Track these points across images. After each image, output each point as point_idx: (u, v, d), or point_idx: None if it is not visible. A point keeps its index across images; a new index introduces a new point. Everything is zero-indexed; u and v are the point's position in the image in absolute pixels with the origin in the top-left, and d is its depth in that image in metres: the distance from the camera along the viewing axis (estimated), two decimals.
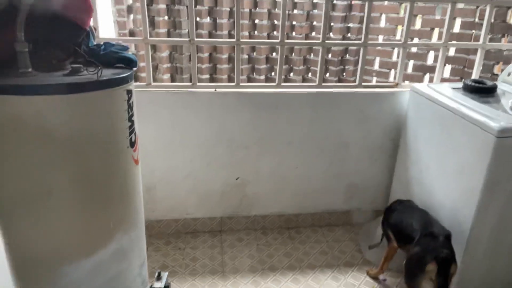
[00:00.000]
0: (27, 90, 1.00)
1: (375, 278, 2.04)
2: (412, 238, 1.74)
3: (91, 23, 1.29)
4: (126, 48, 1.30)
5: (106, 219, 1.18)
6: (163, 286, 1.46)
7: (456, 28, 2.91)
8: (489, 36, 2.61)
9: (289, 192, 2.39)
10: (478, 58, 2.27)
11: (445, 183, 1.86)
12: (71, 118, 1.05)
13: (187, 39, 2.06)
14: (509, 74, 2.09)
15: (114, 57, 1.24)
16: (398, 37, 3.11)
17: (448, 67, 2.95)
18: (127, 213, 1.26)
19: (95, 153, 1.12)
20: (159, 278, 1.49)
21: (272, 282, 2.01)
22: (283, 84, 2.19)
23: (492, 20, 2.58)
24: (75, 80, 1.05)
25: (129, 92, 1.18)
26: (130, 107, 1.19)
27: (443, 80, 2.81)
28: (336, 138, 2.28)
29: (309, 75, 3.51)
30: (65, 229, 1.14)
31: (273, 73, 3.49)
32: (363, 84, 2.24)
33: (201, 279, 2.01)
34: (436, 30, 2.96)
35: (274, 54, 3.40)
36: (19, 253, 1.19)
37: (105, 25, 2.50)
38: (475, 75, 2.31)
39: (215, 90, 2.11)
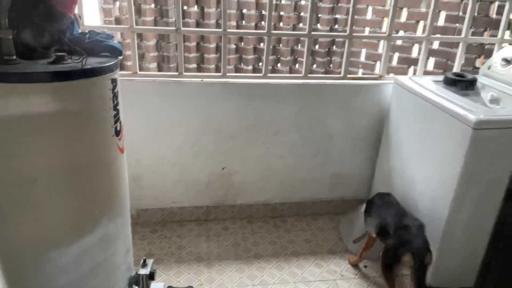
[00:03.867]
0: (11, 77, 1.01)
1: (355, 265, 2.10)
2: (388, 231, 1.81)
3: (76, 10, 1.29)
4: (111, 37, 1.30)
5: (91, 206, 1.20)
6: (148, 273, 1.48)
7: (441, 21, 2.96)
8: (472, 30, 2.67)
9: (275, 182, 2.43)
10: (459, 52, 2.32)
11: (425, 174, 1.92)
12: (55, 106, 1.05)
13: (173, 28, 2.05)
14: (489, 68, 2.15)
15: (99, 46, 1.24)
16: (384, 29, 3.15)
17: (432, 60, 3.01)
18: (112, 201, 1.27)
19: (80, 141, 1.12)
20: (144, 265, 1.51)
21: (257, 269, 2.05)
22: (269, 75, 2.20)
23: (476, 14, 2.64)
24: (59, 69, 1.06)
25: (114, 81, 1.19)
26: (115, 96, 1.19)
27: (427, 72, 2.87)
28: (321, 129, 2.32)
29: (296, 66, 3.53)
30: (50, 215, 1.15)
31: (260, 64, 3.49)
32: (348, 76, 2.27)
33: (187, 266, 2.04)
34: (421, 23, 3.01)
35: (261, 44, 3.41)
36: (4, 239, 1.20)
37: (91, 12, 2.47)
38: (456, 68, 2.37)
39: (202, 80, 2.12)
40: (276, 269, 2.06)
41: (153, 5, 3.07)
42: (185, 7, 3.14)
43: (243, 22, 3.35)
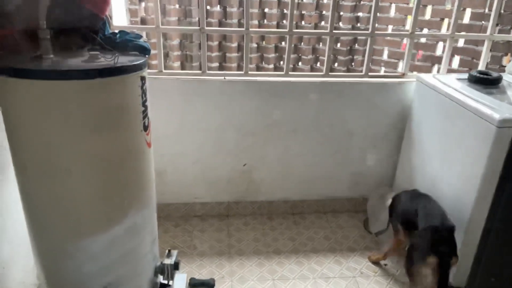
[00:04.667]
0: (49, 74, 1.07)
1: (376, 263, 2.10)
2: (417, 226, 1.73)
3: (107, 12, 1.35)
4: (140, 37, 1.36)
5: (121, 197, 1.26)
6: (172, 263, 1.54)
7: (466, 19, 2.90)
8: (498, 28, 2.61)
9: (295, 179, 2.45)
10: (484, 50, 2.29)
11: (447, 172, 1.91)
12: (89, 102, 1.12)
13: (197, 28, 2.11)
14: None
15: (129, 45, 1.30)
16: (407, 27, 3.12)
17: (457, 58, 2.95)
18: (140, 193, 1.34)
19: (111, 135, 1.19)
20: (169, 255, 1.57)
21: (277, 265, 2.09)
22: (290, 73, 2.23)
23: (502, 11, 2.58)
24: (93, 66, 1.12)
25: (143, 78, 1.24)
26: (143, 92, 1.25)
27: (452, 71, 2.83)
28: (341, 127, 2.33)
29: (318, 64, 3.54)
30: (83, 205, 1.22)
31: (281, 62, 3.52)
32: (369, 74, 2.27)
33: (209, 259, 2.10)
34: (446, 21, 2.96)
35: (283, 43, 3.43)
36: (40, 227, 1.28)
37: (118, 13, 2.55)
38: (481, 66, 2.33)
39: (224, 78, 2.17)
40: (295, 264, 2.09)
41: (177, 6, 3.14)
42: (208, 7, 3.19)
43: (265, 21, 3.38)
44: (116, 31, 1.36)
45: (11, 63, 1.09)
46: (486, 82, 1.96)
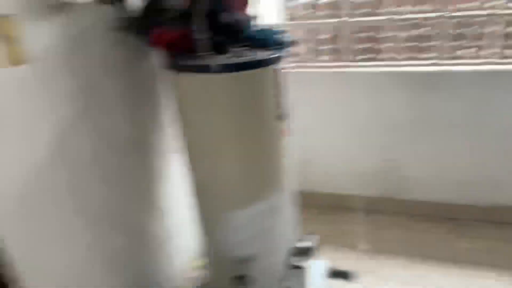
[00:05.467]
0: (203, 69, 1.27)
1: None
2: None
3: (254, 12, 1.50)
4: (279, 32, 1.45)
5: (259, 178, 1.40)
6: (309, 247, 1.60)
7: None
8: None
9: (451, 180, 2.19)
10: None
11: None
12: (233, 91, 1.28)
13: (341, 19, 2.10)
14: None
15: (269, 41, 1.41)
16: None
17: None
18: (277, 176, 1.44)
19: (250, 122, 1.32)
20: (305, 239, 1.64)
21: (423, 270, 1.91)
22: (446, 62, 2.00)
23: None
24: (237, 61, 1.27)
25: (280, 70, 1.34)
26: (280, 83, 1.35)
27: None
28: None
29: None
30: (228, 182, 1.39)
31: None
32: None
33: (349, 252, 2.08)
34: None
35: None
36: (199, 199, 1.53)
37: (270, 11, 2.73)
38: None
39: (372, 70, 2.10)
40: (444, 274, 1.87)
41: None
42: None
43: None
44: (260, 28, 1.49)
45: (179, 61, 1.33)
46: None
